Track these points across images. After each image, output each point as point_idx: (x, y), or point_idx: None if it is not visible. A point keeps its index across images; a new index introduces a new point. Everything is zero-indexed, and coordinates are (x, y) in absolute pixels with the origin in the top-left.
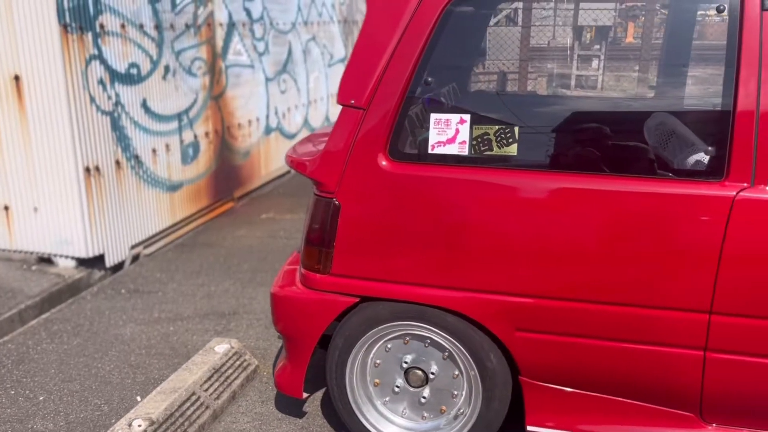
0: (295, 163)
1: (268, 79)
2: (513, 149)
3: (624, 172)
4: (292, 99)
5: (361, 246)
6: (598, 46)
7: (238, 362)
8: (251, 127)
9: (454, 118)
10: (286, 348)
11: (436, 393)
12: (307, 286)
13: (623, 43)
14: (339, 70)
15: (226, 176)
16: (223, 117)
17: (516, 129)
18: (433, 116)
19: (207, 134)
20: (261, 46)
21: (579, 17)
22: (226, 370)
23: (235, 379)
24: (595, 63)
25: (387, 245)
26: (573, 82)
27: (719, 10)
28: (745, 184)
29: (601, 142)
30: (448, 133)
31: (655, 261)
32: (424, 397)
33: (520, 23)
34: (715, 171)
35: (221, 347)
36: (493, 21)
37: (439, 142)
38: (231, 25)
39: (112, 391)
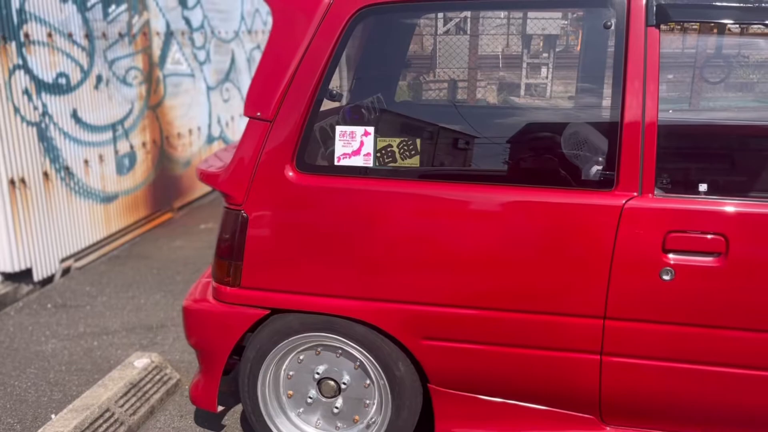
0: (204, 175)
1: (210, 88)
2: (416, 161)
3: (523, 182)
4: (236, 108)
5: (269, 258)
6: (497, 55)
7: (158, 376)
8: (192, 137)
9: (359, 130)
10: (199, 362)
11: (348, 403)
12: (218, 299)
13: (530, 54)
14: None
15: (166, 186)
16: (162, 126)
17: (418, 141)
18: (339, 128)
19: (144, 144)
20: (202, 55)
21: (480, 26)
22: (144, 385)
23: (154, 393)
24: (497, 73)
25: (295, 257)
26: (473, 93)
27: (606, 26)
28: (634, 194)
29: (502, 152)
30: (353, 145)
31: (553, 269)
32: (337, 408)
33: (425, 34)
34: (606, 181)
35: (141, 362)
36: (398, 32)
37: (344, 153)
38: (169, 34)
39: (27, 410)
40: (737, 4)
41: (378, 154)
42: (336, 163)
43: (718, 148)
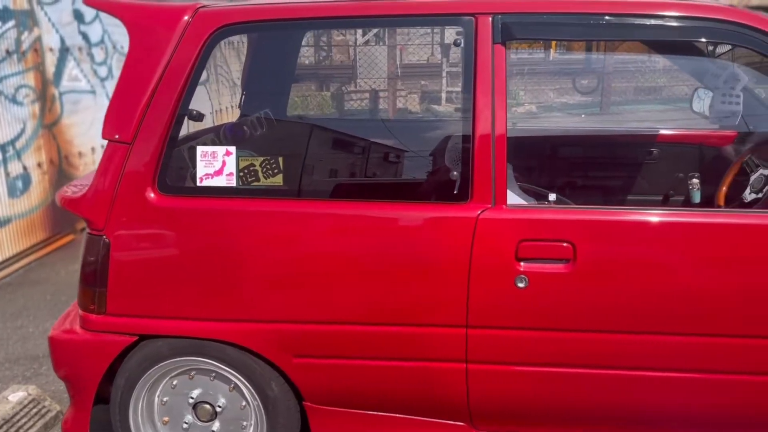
0: (64, 201)
1: None
2: (279, 179)
3: (383, 197)
4: None
5: (135, 283)
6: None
7: (35, 410)
8: (95, 155)
9: (220, 150)
10: (69, 394)
11: (226, 425)
12: (84, 327)
13: (392, 72)
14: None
15: None
16: (60, 146)
17: (281, 159)
18: (200, 149)
19: (40, 165)
20: (103, 71)
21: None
22: (18, 420)
23: (30, 428)
24: (353, 89)
25: (160, 281)
26: (336, 109)
27: (456, 44)
28: (488, 205)
29: (362, 167)
30: (215, 165)
31: (415, 282)
32: (214, 431)
33: (286, 53)
34: (461, 194)
35: (16, 395)
36: (262, 50)
37: (206, 174)
38: (64, 50)
39: None
40: (578, 22)
41: (241, 174)
42: (198, 184)
43: (568, 158)
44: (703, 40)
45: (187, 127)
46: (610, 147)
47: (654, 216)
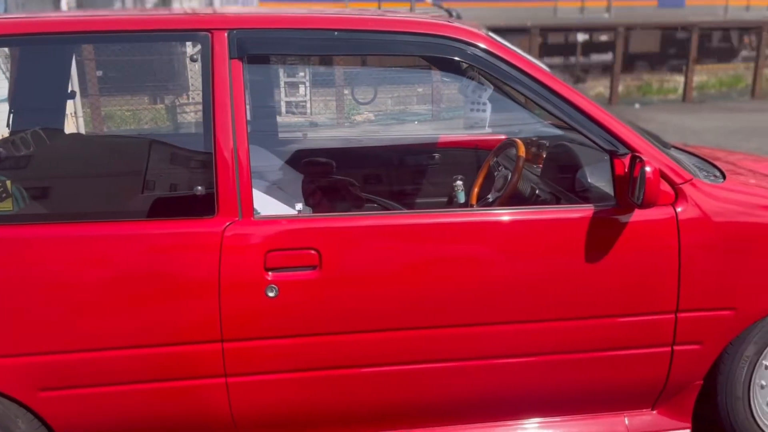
0: None
1: None
2: (8, 204)
3: (127, 216)
4: None
5: None
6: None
7: None
8: None
9: None
10: None
11: None
12: None
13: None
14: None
15: None
16: None
17: (8, 182)
18: None
19: None
20: None
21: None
22: None
23: None
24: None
25: None
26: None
27: (192, 60)
28: (235, 218)
29: (105, 187)
30: None
31: (166, 300)
32: None
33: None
34: (208, 208)
35: None
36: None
37: None
38: None
39: None
40: (313, 38)
41: None
42: None
43: (315, 167)
44: (436, 56)
45: None
46: (388, 155)
47: (399, 219)
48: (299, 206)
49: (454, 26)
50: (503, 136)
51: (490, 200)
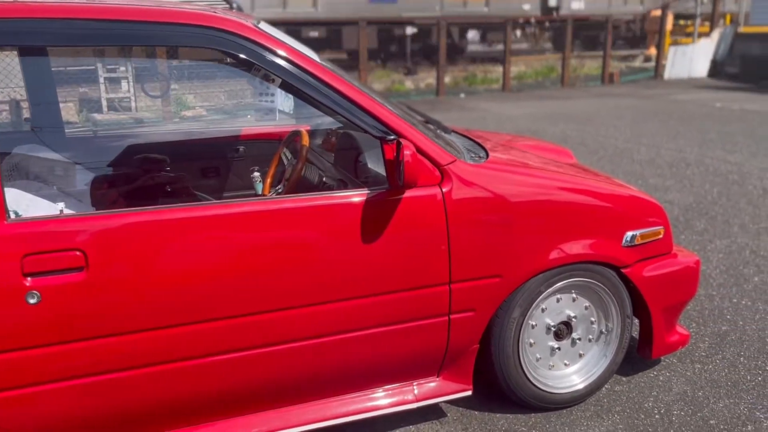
0: None
1: None
2: None
3: None
4: None
5: None
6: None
7: None
8: None
9: None
10: None
11: None
12: None
13: None
14: None
15: None
16: None
17: None
18: None
19: None
20: None
21: None
22: None
23: None
24: None
25: None
26: None
27: None
28: None
29: None
30: None
31: None
32: None
33: None
34: None
35: None
36: None
37: None
38: None
39: None
40: (60, 28)
41: None
42: None
43: (116, 164)
44: (202, 47)
45: None
46: (190, 149)
47: (173, 213)
48: (61, 205)
49: (217, 17)
50: (308, 126)
51: (279, 189)
